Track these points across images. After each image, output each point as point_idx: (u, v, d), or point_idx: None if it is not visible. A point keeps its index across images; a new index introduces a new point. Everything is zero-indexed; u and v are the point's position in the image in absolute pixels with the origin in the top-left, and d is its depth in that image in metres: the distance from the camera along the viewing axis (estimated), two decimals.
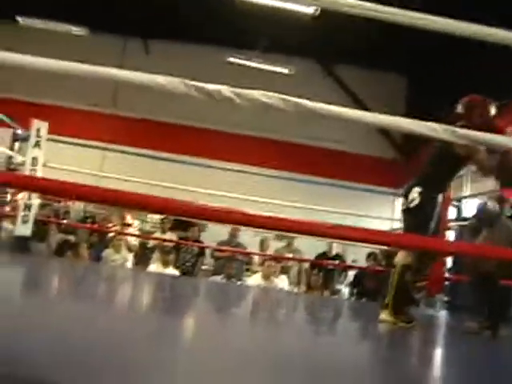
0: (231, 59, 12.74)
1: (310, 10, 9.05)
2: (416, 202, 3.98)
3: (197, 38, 12.55)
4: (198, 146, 12.56)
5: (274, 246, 8.87)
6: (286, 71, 12.94)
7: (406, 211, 4.09)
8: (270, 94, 1.33)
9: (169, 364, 1.69)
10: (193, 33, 12.18)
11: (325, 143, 13.29)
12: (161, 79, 1.29)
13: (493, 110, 4.02)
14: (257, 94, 1.30)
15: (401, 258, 3.99)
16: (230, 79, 11.83)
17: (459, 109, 4.04)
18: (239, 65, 12.74)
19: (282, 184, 9.94)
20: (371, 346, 3.16)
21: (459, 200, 6.80)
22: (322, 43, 12.00)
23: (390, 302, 3.94)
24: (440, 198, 4.05)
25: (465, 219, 6.39)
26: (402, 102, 14.01)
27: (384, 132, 13.01)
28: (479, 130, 3.80)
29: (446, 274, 6.44)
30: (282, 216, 1.67)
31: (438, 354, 3.22)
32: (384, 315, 3.92)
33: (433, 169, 4.11)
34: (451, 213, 6.34)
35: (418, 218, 3.97)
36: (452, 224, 6.44)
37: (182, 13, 10.89)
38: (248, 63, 12.73)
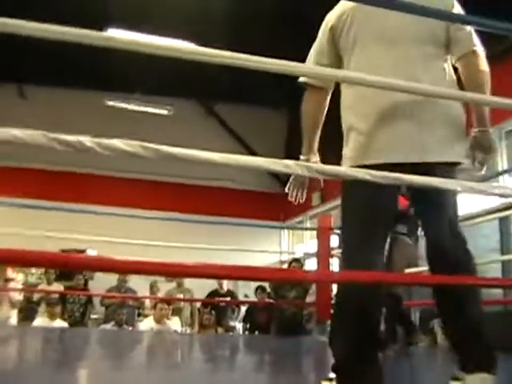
0: (110, 103, 12.65)
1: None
2: None
3: (74, 82, 12.36)
4: (83, 193, 12.26)
5: (165, 287, 8.79)
6: (166, 112, 13.03)
7: None
8: (132, 142, 1.37)
9: None
10: (70, 77, 11.99)
11: (209, 182, 13.42)
12: (19, 133, 1.28)
13: None
14: (117, 142, 1.34)
15: None
16: (110, 123, 11.68)
17: None
18: (119, 108, 12.68)
19: (169, 225, 9.88)
20: (261, 377, 3.21)
21: (340, 228, 7.06)
22: (201, 83, 12.20)
23: None
24: None
25: None
26: (282, 137, 14.48)
27: None
28: None
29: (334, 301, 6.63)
30: (169, 257, 1.68)
31: None
32: None
33: None
34: (334, 241, 6.57)
35: None
36: (335, 251, 6.67)
37: (59, 57, 10.72)
38: (127, 106, 12.70)
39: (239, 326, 9.20)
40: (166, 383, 2.58)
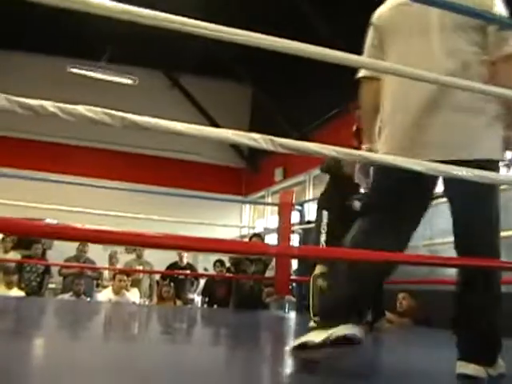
0: (73, 70, 12.38)
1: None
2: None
3: (36, 47, 12.04)
4: (37, 160, 12.01)
5: (124, 259, 8.74)
6: (130, 82, 12.84)
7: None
8: (96, 108, 1.34)
9: None
10: (32, 42, 11.67)
11: (172, 153, 13.34)
12: None
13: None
14: (81, 108, 1.31)
15: (317, 269, 4.26)
16: (72, 90, 11.38)
17: None
18: (82, 76, 12.42)
19: (129, 196, 9.79)
20: (219, 349, 3.24)
21: (301, 204, 7.13)
22: (167, 54, 12.05)
23: (311, 308, 4.15)
24: None
25: (308, 222, 6.72)
26: (247, 110, 14.43)
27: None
28: None
29: (292, 276, 6.72)
30: (129, 228, 1.66)
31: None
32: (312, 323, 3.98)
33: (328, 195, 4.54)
34: (294, 217, 6.63)
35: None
36: (296, 227, 6.74)
37: (19, 21, 10.40)
38: (91, 74, 12.45)
39: (198, 298, 9.23)
40: (123, 354, 2.57)
